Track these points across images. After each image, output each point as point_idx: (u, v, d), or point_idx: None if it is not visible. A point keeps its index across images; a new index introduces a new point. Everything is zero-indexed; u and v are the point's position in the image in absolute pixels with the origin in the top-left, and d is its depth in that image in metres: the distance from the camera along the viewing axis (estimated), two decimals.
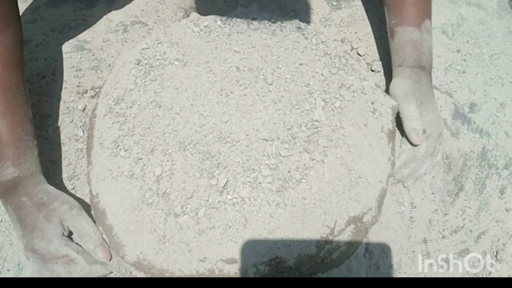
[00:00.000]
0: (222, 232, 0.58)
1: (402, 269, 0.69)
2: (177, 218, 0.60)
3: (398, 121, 0.71)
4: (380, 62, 0.89)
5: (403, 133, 0.72)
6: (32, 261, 0.55)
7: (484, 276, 0.69)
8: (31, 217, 0.55)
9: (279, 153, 0.63)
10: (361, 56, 0.90)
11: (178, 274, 0.58)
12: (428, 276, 0.69)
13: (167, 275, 0.58)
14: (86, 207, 0.64)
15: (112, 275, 0.64)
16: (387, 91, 0.74)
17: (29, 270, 0.58)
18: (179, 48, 0.75)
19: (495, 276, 0.69)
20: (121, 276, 0.64)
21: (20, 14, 0.94)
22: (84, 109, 0.81)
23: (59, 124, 0.79)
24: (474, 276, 0.69)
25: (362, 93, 0.71)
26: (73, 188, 0.72)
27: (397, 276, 0.68)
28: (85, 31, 0.92)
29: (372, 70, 0.87)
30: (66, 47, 0.89)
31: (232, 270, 0.58)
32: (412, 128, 0.66)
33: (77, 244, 0.59)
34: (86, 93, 0.84)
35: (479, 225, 0.74)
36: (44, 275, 0.54)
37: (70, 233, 0.61)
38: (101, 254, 0.59)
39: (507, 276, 0.69)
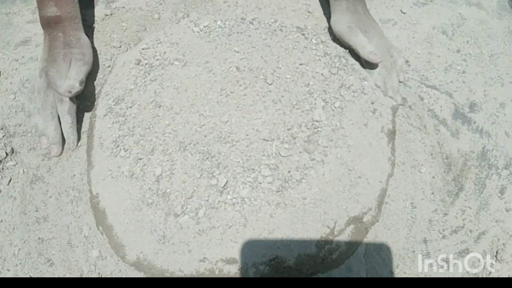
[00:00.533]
0: (222, 232, 0.58)
1: (402, 269, 0.69)
2: (177, 218, 0.60)
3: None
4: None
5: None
6: (40, 80, 0.69)
7: (484, 276, 0.69)
8: (57, 51, 0.69)
9: (279, 153, 0.63)
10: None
11: (178, 274, 0.58)
12: (428, 276, 0.69)
13: (167, 275, 0.58)
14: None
15: (112, 275, 0.64)
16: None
17: (33, 83, 0.72)
18: (179, 48, 0.75)
19: (495, 276, 0.69)
20: (121, 276, 0.64)
21: (20, 14, 0.94)
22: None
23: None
24: (474, 276, 0.69)
25: (362, 93, 0.71)
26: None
27: (397, 276, 0.68)
28: (85, 30, 0.92)
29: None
30: None
31: (232, 270, 0.58)
32: (368, 52, 0.72)
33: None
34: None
35: (479, 225, 0.74)
36: (40, 94, 0.68)
37: None
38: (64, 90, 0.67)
39: (507, 276, 0.69)
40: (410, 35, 0.94)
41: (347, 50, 0.80)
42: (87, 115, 0.81)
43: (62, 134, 0.73)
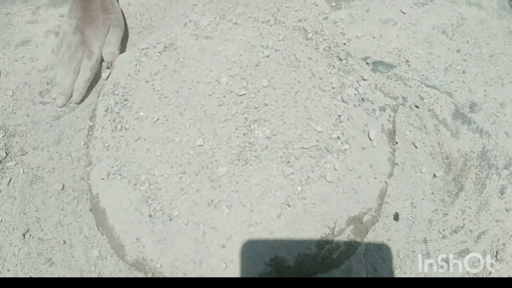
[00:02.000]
0: (222, 232, 0.58)
1: (402, 269, 0.69)
2: (177, 218, 0.60)
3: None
4: (382, 61, 0.89)
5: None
6: (73, 37, 0.74)
7: (484, 276, 0.69)
8: (95, 13, 0.75)
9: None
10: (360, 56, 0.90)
11: (178, 274, 0.58)
12: (428, 276, 0.69)
13: (167, 275, 0.58)
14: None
15: (112, 275, 0.64)
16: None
17: (61, 38, 0.77)
18: (179, 48, 0.75)
19: (495, 276, 0.69)
20: (121, 276, 0.64)
21: (20, 14, 0.94)
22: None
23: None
24: (474, 276, 0.69)
25: (362, 93, 0.71)
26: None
27: (397, 276, 0.68)
28: None
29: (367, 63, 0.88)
30: None
31: (232, 270, 0.58)
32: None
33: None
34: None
35: (479, 225, 0.74)
36: (69, 49, 0.75)
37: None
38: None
39: (507, 276, 0.69)
40: (410, 35, 0.94)
41: (347, 50, 0.80)
42: (87, 115, 0.82)
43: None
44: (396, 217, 0.69)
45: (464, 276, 0.69)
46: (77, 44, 0.74)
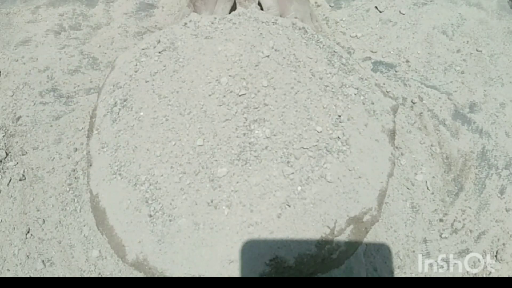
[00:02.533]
0: (221, 232, 0.58)
1: (402, 269, 0.69)
2: (177, 218, 0.60)
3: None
4: (383, 60, 0.89)
5: None
6: (187, 9, 0.87)
7: (484, 276, 0.69)
8: None
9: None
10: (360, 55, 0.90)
11: (178, 274, 0.58)
12: (428, 276, 0.69)
13: (167, 275, 0.58)
14: None
15: (112, 275, 0.64)
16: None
17: (182, 11, 0.89)
18: (179, 48, 0.75)
19: (495, 276, 0.69)
20: (121, 276, 0.64)
21: (20, 14, 0.94)
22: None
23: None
24: (474, 276, 0.69)
25: (362, 93, 0.71)
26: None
27: (397, 276, 0.68)
28: (85, 30, 0.92)
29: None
30: (66, 47, 0.90)
31: (232, 270, 0.58)
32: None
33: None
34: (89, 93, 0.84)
35: (479, 225, 0.74)
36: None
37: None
38: None
39: (507, 276, 0.69)
40: (410, 35, 0.94)
41: (347, 50, 0.80)
42: (87, 115, 0.82)
43: None
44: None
45: (464, 276, 0.69)
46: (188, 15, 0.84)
